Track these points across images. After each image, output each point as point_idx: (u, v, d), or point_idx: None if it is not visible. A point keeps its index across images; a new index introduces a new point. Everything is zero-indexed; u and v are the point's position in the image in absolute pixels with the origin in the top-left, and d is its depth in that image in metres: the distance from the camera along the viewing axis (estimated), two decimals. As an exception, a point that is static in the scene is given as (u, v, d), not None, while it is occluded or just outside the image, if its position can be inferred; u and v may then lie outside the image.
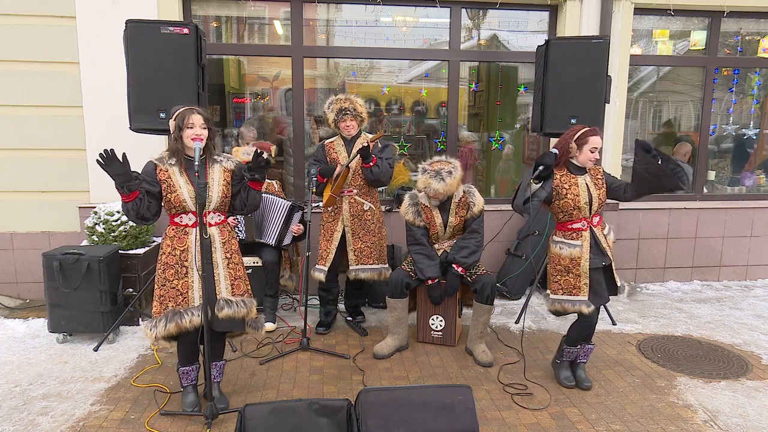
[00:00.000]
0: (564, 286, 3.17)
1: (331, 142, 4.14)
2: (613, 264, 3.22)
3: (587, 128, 3.11)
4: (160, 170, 2.83)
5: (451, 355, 3.79)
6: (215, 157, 2.93)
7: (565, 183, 3.11)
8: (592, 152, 3.07)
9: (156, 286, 2.88)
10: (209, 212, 2.86)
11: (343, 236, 4.09)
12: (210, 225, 2.87)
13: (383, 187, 4.74)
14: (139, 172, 2.81)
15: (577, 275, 3.12)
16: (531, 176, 3.05)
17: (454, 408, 2.47)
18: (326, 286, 4.22)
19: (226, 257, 2.91)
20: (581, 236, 3.13)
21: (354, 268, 4.10)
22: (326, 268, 4.10)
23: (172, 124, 2.83)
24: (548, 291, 3.25)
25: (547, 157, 3.04)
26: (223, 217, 2.95)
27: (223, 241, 2.91)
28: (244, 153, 4.31)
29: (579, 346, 3.34)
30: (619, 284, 3.28)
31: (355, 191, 4.07)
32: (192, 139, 2.78)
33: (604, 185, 3.16)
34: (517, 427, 2.91)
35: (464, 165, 5.49)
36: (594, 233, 3.15)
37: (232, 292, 2.90)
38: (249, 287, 3.00)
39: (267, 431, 2.37)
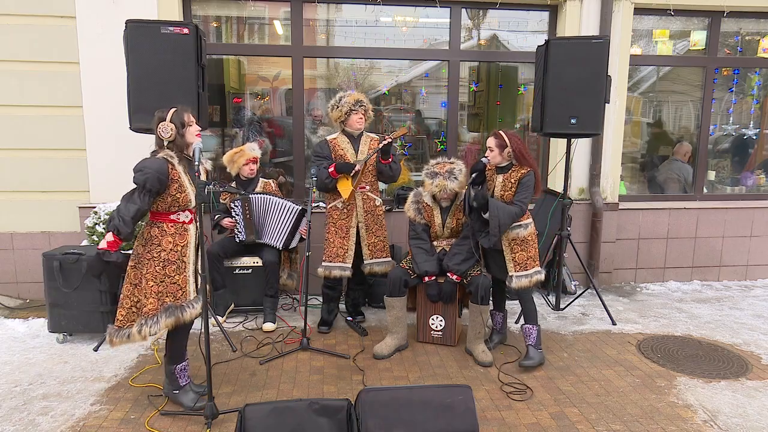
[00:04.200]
0: None
1: (334, 138, 4.14)
2: (506, 254, 3.64)
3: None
4: (173, 169, 2.83)
5: (451, 355, 3.79)
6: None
7: (489, 177, 3.68)
8: (486, 150, 3.60)
9: (152, 283, 2.85)
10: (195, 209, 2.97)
11: (356, 232, 4.12)
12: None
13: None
14: (150, 170, 2.75)
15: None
16: (468, 182, 3.56)
17: (454, 408, 2.47)
18: (331, 284, 4.23)
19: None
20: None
21: (369, 262, 4.16)
22: (349, 265, 4.11)
23: (167, 125, 2.81)
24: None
25: (478, 164, 3.54)
26: None
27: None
28: (250, 149, 4.34)
29: (500, 312, 3.95)
30: (509, 274, 3.62)
31: (367, 187, 4.11)
32: (197, 135, 2.89)
33: (512, 189, 3.55)
34: (517, 427, 2.91)
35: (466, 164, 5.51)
36: None
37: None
38: None
39: (267, 431, 2.37)
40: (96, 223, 4.25)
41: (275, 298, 4.34)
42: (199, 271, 2.87)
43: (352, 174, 3.98)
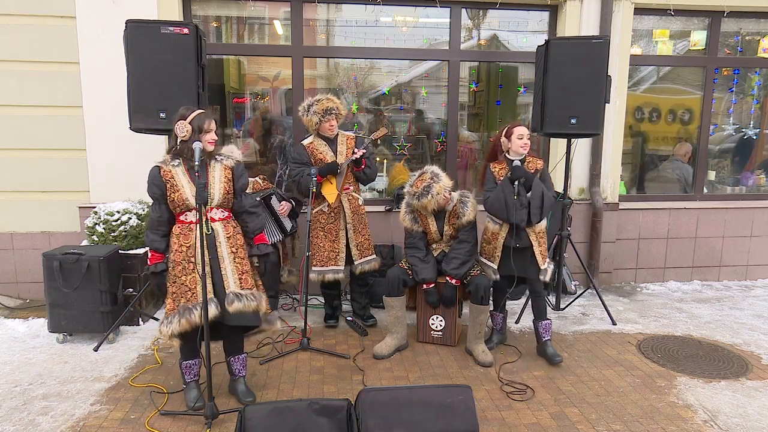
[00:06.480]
0: (485, 251, 3.81)
1: (311, 143, 4.11)
2: (535, 248, 3.64)
3: (512, 122, 3.60)
4: (164, 171, 2.89)
5: (451, 355, 3.79)
6: (216, 156, 3.01)
7: (502, 173, 3.63)
8: (520, 139, 3.54)
9: (168, 284, 2.94)
10: (212, 208, 2.94)
11: (345, 233, 4.13)
12: (213, 220, 2.94)
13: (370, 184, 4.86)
14: (149, 180, 2.91)
15: (495, 247, 3.72)
16: (521, 194, 3.50)
17: (454, 408, 2.47)
18: (329, 284, 4.23)
19: (232, 252, 2.97)
20: None
21: (359, 262, 4.17)
22: (342, 267, 4.13)
23: (185, 125, 2.85)
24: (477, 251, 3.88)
25: (519, 171, 3.50)
26: (227, 213, 3.02)
27: (228, 235, 2.97)
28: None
29: (500, 313, 3.94)
30: (542, 267, 3.66)
31: (351, 188, 4.13)
32: (209, 143, 2.90)
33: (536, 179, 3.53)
34: (517, 427, 2.91)
35: (464, 164, 5.51)
36: None
37: (241, 285, 2.95)
38: (258, 281, 3.09)
39: (267, 431, 2.37)
40: (96, 223, 4.24)
41: (275, 299, 4.35)
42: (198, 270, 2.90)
43: (337, 174, 4.00)
